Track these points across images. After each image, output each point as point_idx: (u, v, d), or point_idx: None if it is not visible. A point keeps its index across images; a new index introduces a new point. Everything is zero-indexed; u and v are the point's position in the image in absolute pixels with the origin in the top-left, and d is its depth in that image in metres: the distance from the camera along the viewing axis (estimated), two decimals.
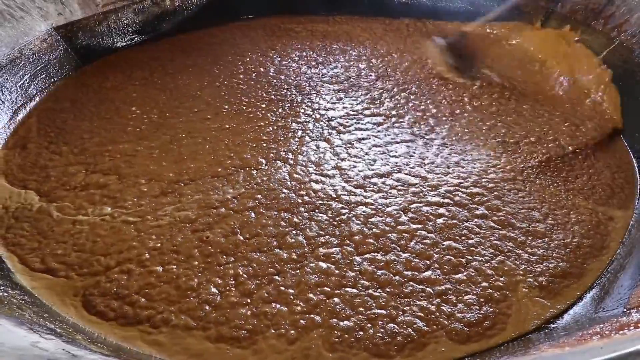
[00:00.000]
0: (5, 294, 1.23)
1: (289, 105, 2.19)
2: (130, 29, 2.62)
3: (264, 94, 2.26)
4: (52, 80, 2.24)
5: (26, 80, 2.08)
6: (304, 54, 2.67)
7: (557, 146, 1.96)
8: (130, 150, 1.84)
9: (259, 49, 2.71)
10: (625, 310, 1.12)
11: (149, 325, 1.24)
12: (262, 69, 2.49)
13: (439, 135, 1.99)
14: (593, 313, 1.23)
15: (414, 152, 1.89)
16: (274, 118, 2.09)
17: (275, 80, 2.39)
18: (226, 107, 2.15)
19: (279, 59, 2.61)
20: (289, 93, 2.29)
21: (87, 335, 1.20)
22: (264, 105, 2.17)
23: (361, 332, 1.22)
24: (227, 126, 2.01)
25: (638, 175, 1.85)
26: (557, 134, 2.03)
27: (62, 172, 1.73)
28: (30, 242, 1.46)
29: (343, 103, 2.22)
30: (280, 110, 2.15)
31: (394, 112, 2.14)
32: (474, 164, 1.84)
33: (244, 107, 2.15)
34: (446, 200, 1.65)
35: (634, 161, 1.92)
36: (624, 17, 2.23)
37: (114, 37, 2.56)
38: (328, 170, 1.78)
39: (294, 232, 1.50)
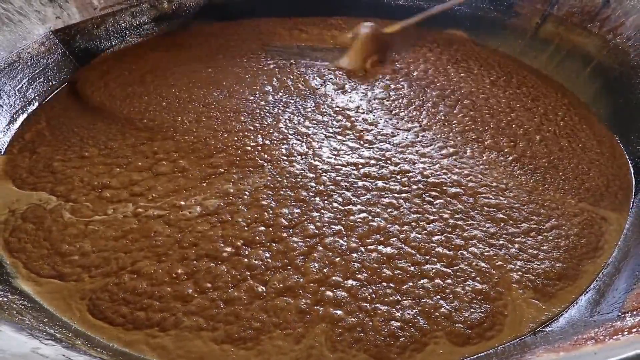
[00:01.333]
0: (5, 299, 1.23)
1: (299, 102, 2.23)
2: (128, 32, 2.63)
3: (273, 94, 2.28)
4: (51, 83, 2.24)
5: (24, 84, 2.08)
6: (299, 55, 2.68)
7: (548, 145, 2.00)
8: (163, 149, 1.86)
9: (260, 50, 2.72)
10: (620, 314, 1.13)
11: (157, 329, 1.24)
12: (266, 71, 2.50)
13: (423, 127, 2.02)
14: (588, 317, 1.24)
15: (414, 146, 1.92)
16: (287, 115, 2.13)
17: (280, 81, 2.40)
18: (238, 106, 2.17)
19: (281, 60, 2.62)
20: (297, 91, 2.32)
21: (88, 340, 1.20)
22: (275, 104, 2.20)
23: (362, 334, 1.24)
24: (243, 123, 2.05)
25: (633, 178, 1.86)
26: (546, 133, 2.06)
27: (86, 174, 1.73)
28: (36, 245, 1.46)
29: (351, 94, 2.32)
30: (291, 107, 2.19)
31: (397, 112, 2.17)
32: (467, 161, 1.86)
33: (255, 106, 2.18)
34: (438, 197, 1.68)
35: (629, 163, 1.93)
36: (620, 19, 2.25)
37: (112, 40, 2.56)
38: (341, 161, 1.84)
39: (307, 222, 1.55)
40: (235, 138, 1.95)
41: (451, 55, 2.73)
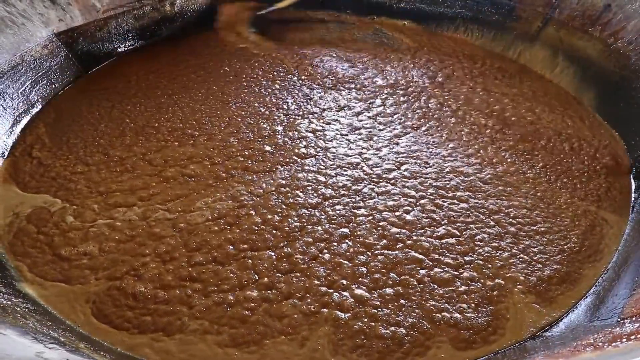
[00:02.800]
0: (9, 302, 1.24)
1: (303, 104, 2.23)
2: (130, 35, 2.63)
3: (277, 94, 2.29)
4: (54, 86, 2.25)
5: (27, 86, 2.09)
6: (306, 55, 2.69)
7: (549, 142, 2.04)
8: (173, 154, 1.86)
9: (261, 51, 2.73)
10: (619, 319, 1.14)
11: (162, 334, 1.25)
12: (269, 72, 2.50)
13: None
14: (588, 322, 1.25)
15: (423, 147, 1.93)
16: (292, 117, 2.13)
17: (284, 82, 2.41)
18: (241, 107, 2.18)
19: (283, 61, 2.63)
20: (300, 93, 2.32)
21: (91, 343, 1.21)
22: (279, 105, 2.21)
23: (365, 340, 1.24)
24: (249, 126, 2.05)
25: (633, 181, 1.87)
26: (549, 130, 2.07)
27: (92, 178, 1.73)
28: (40, 249, 1.47)
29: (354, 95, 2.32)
30: (295, 108, 2.19)
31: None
32: (475, 165, 1.87)
33: (258, 108, 2.18)
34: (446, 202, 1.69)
35: (629, 167, 1.94)
36: (621, 24, 2.25)
37: (114, 42, 2.57)
38: (351, 164, 1.85)
39: (311, 227, 1.56)
40: (243, 141, 1.95)
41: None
